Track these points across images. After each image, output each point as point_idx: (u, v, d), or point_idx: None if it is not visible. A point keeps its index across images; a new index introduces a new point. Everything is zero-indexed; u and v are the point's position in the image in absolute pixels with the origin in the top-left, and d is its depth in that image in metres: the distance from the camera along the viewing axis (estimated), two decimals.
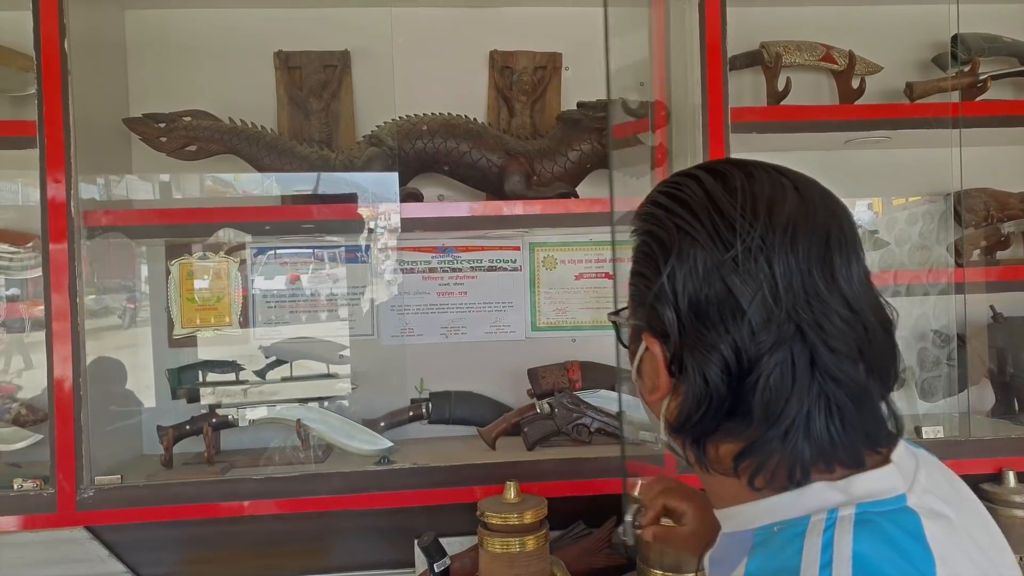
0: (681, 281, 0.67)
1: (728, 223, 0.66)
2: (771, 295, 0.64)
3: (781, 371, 0.63)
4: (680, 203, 0.69)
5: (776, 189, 0.68)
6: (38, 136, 1.60)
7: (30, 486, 1.64)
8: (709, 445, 0.70)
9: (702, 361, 0.65)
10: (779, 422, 0.64)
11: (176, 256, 1.89)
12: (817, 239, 0.66)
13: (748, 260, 0.64)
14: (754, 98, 1.97)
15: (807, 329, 0.64)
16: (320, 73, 1.92)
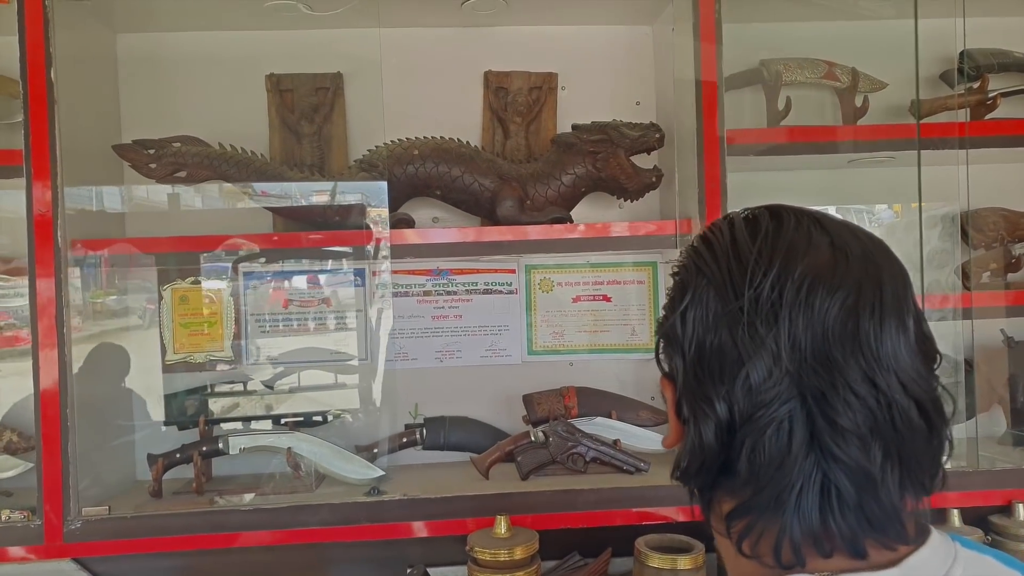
0: (691, 325, 0.63)
1: (742, 270, 0.61)
2: (773, 354, 0.58)
3: (775, 437, 0.58)
4: (707, 245, 0.66)
5: (802, 238, 0.61)
6: (24, 165, 1.58)
7: (18, 517, 1.62)
8: (714, 500, 0.66)
9: (699, 413, 0.62)
10: (764, 491, 0.59)
11: (168, 281, 1.88)
12: (840, 299, 0.59)
13: (755, 312, 0.59)
14: (754, 118, 1.92)
15: (810, 399, 0.58)
16: (312, 96, 1.90)
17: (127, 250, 1.74)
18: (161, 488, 1.73)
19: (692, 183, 1.73)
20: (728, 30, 1.69)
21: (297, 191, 1.77)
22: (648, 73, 2.00)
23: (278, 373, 1.94)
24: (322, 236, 1.76)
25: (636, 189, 1.82)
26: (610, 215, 1.98)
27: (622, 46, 1.99)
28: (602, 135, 1.77)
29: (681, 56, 1.76)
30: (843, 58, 1.95)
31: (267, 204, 1.80)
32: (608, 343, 1.99)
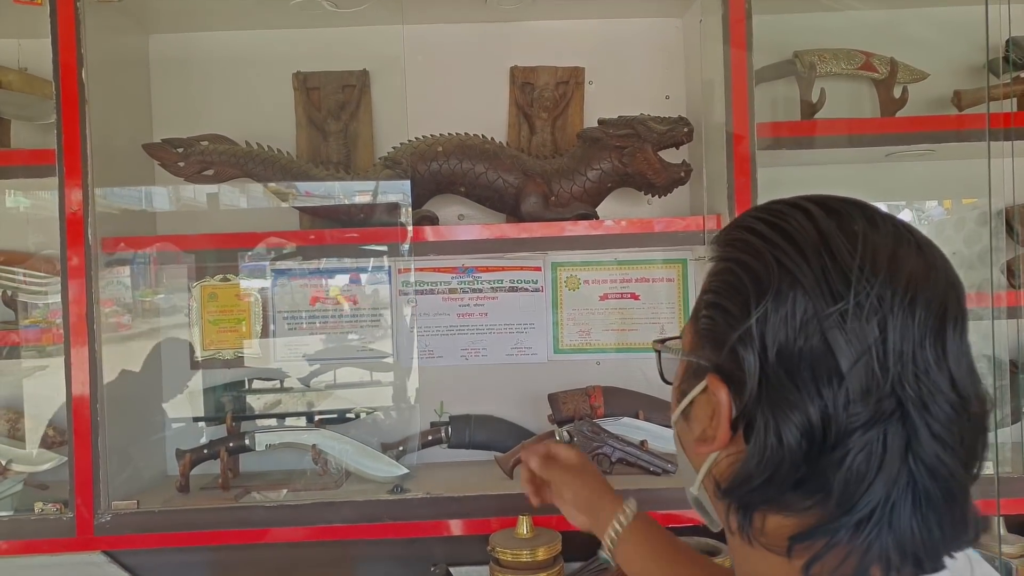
0: (774, 326, 0.57)
1: (841, 271, 0.56)
2: (878, 362, 0.55)
3: (870, 451, 0.55)
4: (785, 236, 0.59)
5: (901, 243, 0.59)
6: (57, 165, 1.62)
7: (51, 510, 1.66)
8: (756, 514, 0.61)
9: (781, 421, 0.56)
10: (855, 509, 0.56)
11: (197, 279, 1.90)
12: (936, 308, 0.57)
13: (858, 318, 0.55)
14: (787, 111, 1.87)
15: (910, 407, 0.55)
16: (338, 93, 1.90)
17: (157, 248, 1.76)
18: (188, 483, 1.75)
19: (721, 178, 1.69)
20: (759, 21, 1.65)
21: (322, 189, 1.77)
22: (678, 66, 1.96)
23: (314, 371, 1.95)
24: (347, 234, 1.75)
25: (664, 184, 1.78)
26: (639, 211, 1.95)
27: (651, 39, 1.96)
28: (629, 130, 1.74)
29: (710, 48, 1.71)
30: (882, 47, 1.88)
31: (293, 202, 1.80)
32: (636, 342, 1.95)
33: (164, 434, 1.93)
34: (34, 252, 1.90)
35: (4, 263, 1.88)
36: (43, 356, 1.82)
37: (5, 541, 1.63)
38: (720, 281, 0.63)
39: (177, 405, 1.93)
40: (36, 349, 1.77)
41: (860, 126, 1.79)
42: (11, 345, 1.80)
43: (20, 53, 1.90)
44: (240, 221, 1.84)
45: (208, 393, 1.90)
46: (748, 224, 0.63)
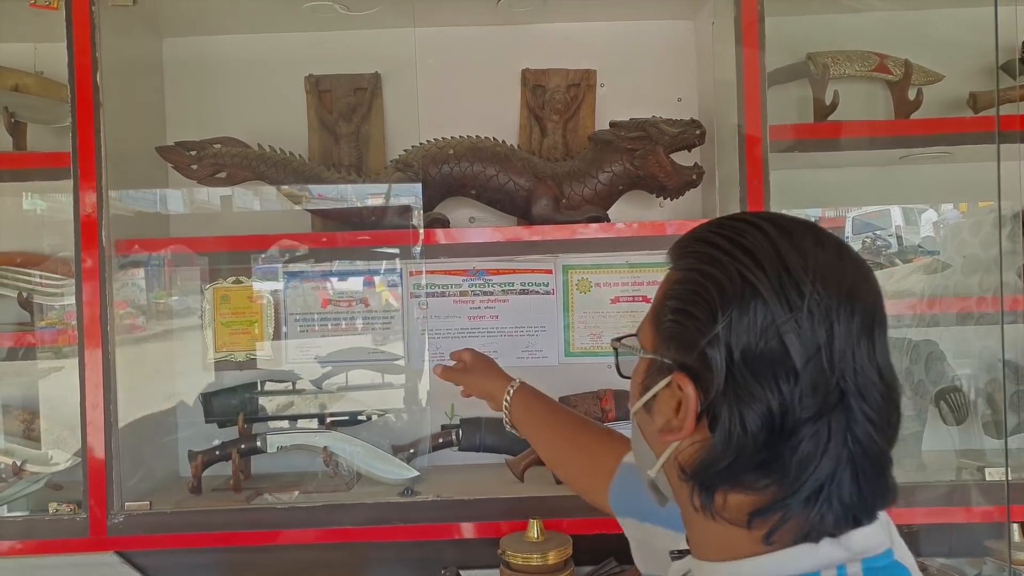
0: (738, 331, 0.65)
1: (795, 283, 0.65)
2: (827, 361, 0.64)
3: (819, 436, 0.64)
4: (745, 251, 0.68)
5: (842, 258, 0.69)
6: (72, 167, 1.63)
7: (65, 510, 1.67)
8: (718, 493, 0.69)
9: (746, 412, 0.65)
10: (806, 485, 0.65)
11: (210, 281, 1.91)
12: (868, 313, 0.67)
13: (810, 324, 0.65)
14: (800, 113, 1.86)
15: (850, 398, 0.65)
16: (350, 96, 1.91)
17: (170, 250, 1.77)
18: (200, 484, 1.76)
19: (734, 181, 1.68)
20: (771, 23, 1.64)
21: (334, 191, 1.77)
22: (690, 69, 1.95)
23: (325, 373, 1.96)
24: (359, 236, 1.76)
25: (676, 187, 1.77)
26: (651, 214, 1.94)
27: (663, 41, 1.95)
28: (640, 132, 1.73)
29: (722, 50, 1.71)
30: (896, 49, 1.87)
31: (305, 205, 1.81)
32: None
33: (176, 436, 1.94)
34: (50, 254, 1.92)
35: (20, 265, 1.90)
36: (59, 357, 1.83)
37: (20, 541, 1.64)
38: (685, 289, 0.70)
39: (189, 407, 1.94)
40: (52, 350, 1.78)
41: (874, 128, 1.78)
42: (27, 346, 1.82)
43: (36, 57, 1.92)
44: (252, 224, 1.85)
45: (220, 395, 1.91)
46: (708, 238, 0.71)
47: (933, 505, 1.64)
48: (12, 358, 1.86)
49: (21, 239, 1.95)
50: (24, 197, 1.96)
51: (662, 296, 0.74)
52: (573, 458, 1.23)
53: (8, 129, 1.81)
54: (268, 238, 1.80)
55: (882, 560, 0.68)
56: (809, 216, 2.08)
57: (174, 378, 1.94)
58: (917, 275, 2.00)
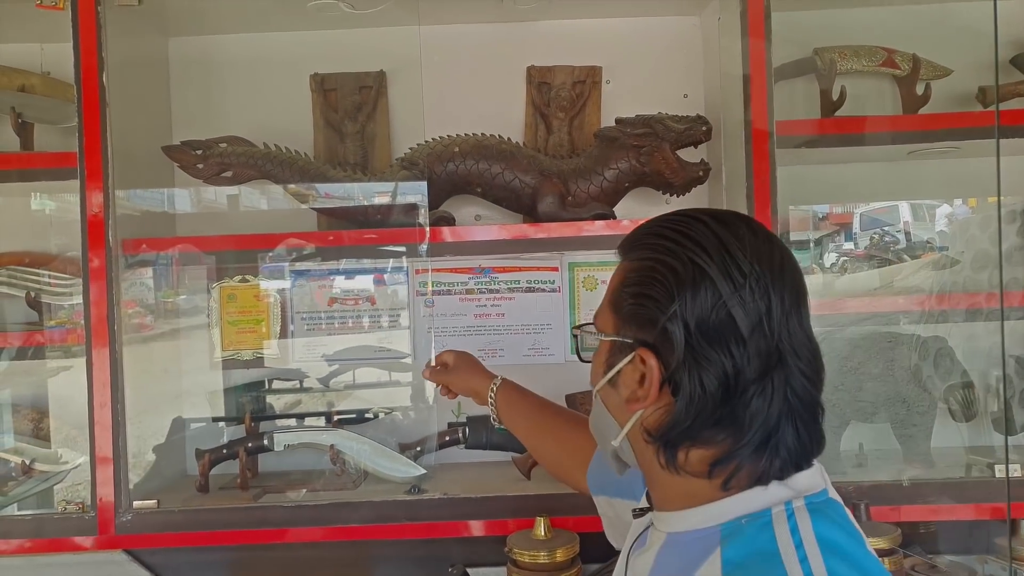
0: (692, 308, 0.75)
1: (737, 265, 0.76)
2: (768, 327, 0.76)
3: (764, 391, 0.75)
4: (693, 241, 0.78)
5: (771, 243, 0.80)
6: (78, 167, 1.63)
7: (73, 509, 1.68)
8: (680, 450, 0.79)
9: (704, 375, 0.75)
10: (756, 435, 0.76)
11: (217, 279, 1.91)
12: (795, 286, 0.79)
13: (752, 298, 0.76)
14: (806, 109, 1.85)
15: (788, 357, 0.76)
16: (355, 95, 1.91)
17: (176, 249, 1.77)
18: (208, 483, 1.76)
19: (741, 177, 1.67)
20: (778, 18, 1.63)
21: (340, 190, 1.77)
22: (696, 65, 1.94)
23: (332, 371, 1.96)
24: (365, 235, 1.76)
25: (682, 184, 1.76)
26: (657, 211, 1.88)
27: (669, 38, 1.94)
28: (646, 129, 1.72)
29: (728, 46, 1.70)
30: (904, 44, 1.86)
31: (311, 203, 1.80)
32: None
33: (184, 434, 1.94)
34: (58, 254, 1.93)
35: (29, 265, 1.90)
36: (67, 356, 1.84)
37: (29, 539, 1.65)
38: (642, 276, 0.79)
39: (196, 405, 1.95)
40: (60, 350, 1.79)
41: (882, 123, 1.76)
42: (36, 346, 1.82)
43: (43, 57, 1.92)
44: (258, 223, 1.86)
45: (227, 393, 1.91)
46: (658, 231, 0.81)
47: (942, 502, 1.63)
48: (21, 357, 1.87)
49: (29, 239, 1.96)
50: (32, 197, 1.97)
51: (619, 284, 0.83)
52: (554, 445, 1.30)
53: (15, 129, 1.82)
54: (274, 237, 1.80)
55: (820, 497, 0.79)
56: (816, 212, 2.07)
57: (181, 377, 1.95)
58: (926, 271, 1.99)
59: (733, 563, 0.74)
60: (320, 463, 1.85)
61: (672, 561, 0.81)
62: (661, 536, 0.85)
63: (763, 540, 0.75)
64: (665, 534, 0.84)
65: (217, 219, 1.91)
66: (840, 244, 2.08)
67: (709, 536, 0.78)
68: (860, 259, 2.07)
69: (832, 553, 0.73)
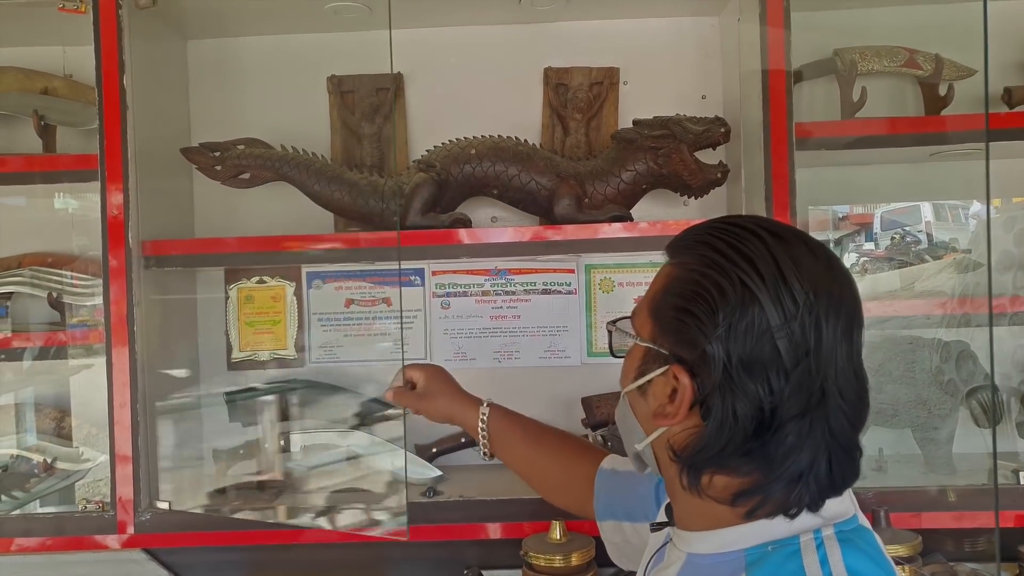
0: (736, 334, 0.71)
1: (791, 294, 0.71)
2: (814, 364, 0.71)
3: (801, 430, 0.71)
4: (745, 259, 0.73)
5: (829, 267, 0.75)
6: (99, 169, 1.65)
7: (93, 508, 1.70)
8: (704, 474, 0.76)
9: (738, 405, 0.71)
10: (787, 472, 0.72)
11: (234, 280, 1.93)
12: (850, 317, 0.74)
13: (802, 331, 0.71)
14: (826, 110, 1.83)
15: (831, 396, 0.72)
16: (372, 97, 1.91)
17: (194, 250, 1.79)
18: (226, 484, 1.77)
19: (760, 179, 1.66)
20: (797, 18, 1.61)
21: (356, 192, 1.78)
22: (714, 66, 1.93)
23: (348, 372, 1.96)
24: (381, 236, 1.76)
25: (700, 186, 1.75)
26: (675, 212, 1.92)
27: (687, 38, 1.93)
28: (664, 130, 1.71)
29: (747, 47, 1.68)
30: (926, 44, 1.83)
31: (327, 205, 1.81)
32: None
33: (202, 434, 1.96)
34: (79, 254, 1.95)
35: (51, 265, 1.93)
36: (88, 356, 1.86)
37: (50, 537, 1.67)
38: (688, 289, 0.75)
39: (214, 406, 1.96)
40: (82, 349, 1.81)
41: (903, 125, 1.74)
42: (58, 345, 1.84)
43: (65, 60, 1.94)
44: (276, 224, 1.86)
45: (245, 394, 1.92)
46: (709, 241, 0.76)
47: (964, 509, 1.61)
48: (43, 357, 1.89)
49: (52, 240, 1.98)
50: (54, 198, 2.00)
51: (661, 289, 0.79)
52: (560, 474, 1.22)
53: (38, 132, 1.84)
54: (292, 238, 1.81)
55: (850, 524, 0.76)
56: (836, 213, 2.05)
57: (199, 377, 1.96)
58: (947, 272, 1.96)
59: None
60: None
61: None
62: (681, 556, 0.81)
63: (790, 570, 0.72)
64: (685, 554, 0.81)
65: (235, 220, 1.92)
66: (860, 245, 2.06)
67: (733, 562, 0.75)
68: (880, 260, 2.05)
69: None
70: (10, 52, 1.92)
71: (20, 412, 1.97)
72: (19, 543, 1.67)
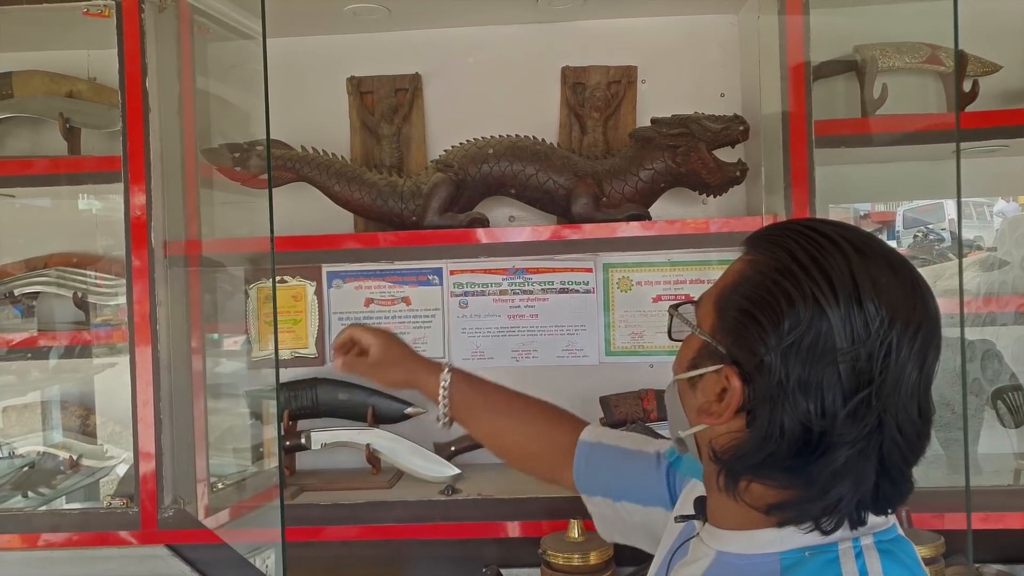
0: (798, 350, 0.67)
1: (864, 320, 0.67)
2: (876, 396, 0.67)
3: (849, 458, 0.68)
4: (822, 273, 0.68)
5: (912, 290, 0.70)
6: (123, 170, 1.68)
7: (118, 504, 1.72)
8: (742, 480, 0.74)
9: (786, 421, 0.68)
10: (828, 496, 0.69)
11: (254, 281, 1.95)
12: (924, 346, 0.69)
13: (868, 360, 0.66)
14: (847, 107, 1.81)
15: (888, 429, 0.68)
16: (391, 97, 1.92)
17: (215, 251, 1.81)
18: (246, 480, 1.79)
19: (779, 177, 1.65)
20: (817, 16, 1.60)
21: (375, 192, 1.79)
22: (733, 64, 1.92)
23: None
24: (400, 236, 1.77)
25: (718, 184, 1.74)
26: (693, 211, 1.91)
27: (706, 36, 1.92)
28: (682, 129, 1.70)
29: (767, 44, 1.67)
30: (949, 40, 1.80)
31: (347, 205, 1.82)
32: None
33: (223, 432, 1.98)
34: (103, 254, 1.98)
35: (76, 265, 1.96)
36: (112, 355, 1.89)
37: (76, 533, 1.69)
38: (757, 293, 0.71)
39: (235, 404, 1.98)
40: (105, 348, 1.84)
41: (926, 122, 1.72)
42: (83, 344, 1.87)
43: (89, 63, 1.97)
44: (296, 224, 1.87)
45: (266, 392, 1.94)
46: (789, 246, 0.71)
47: (990, 510, 1.59)
48: (69, 355, 1.92)
49: (77, 240, 2.01)
50: (79, 200, 2.03)
51: (731, 284, 0.75)
52: (523, 441, 1.18)
53: (64, 134, 1.87)
54: (312, 239, 1.82)
55: (890, 534, 0.74)
56: (857, 211, 2.03)
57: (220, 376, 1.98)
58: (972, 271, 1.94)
59: None
60: (355, 462, 1.87)
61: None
62: (710, 553, 0.79)
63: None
64: (715, 552, 0.79)
65: (255, 221, 1.94)
66: None
67: (768, 565, 0.73)
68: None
69: None
70: (36, 56, 1.95)
71: (46, 409, 2.01)
72: (46, 538, 1.70)
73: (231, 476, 1.87)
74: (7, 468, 1.92)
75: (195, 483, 1.75)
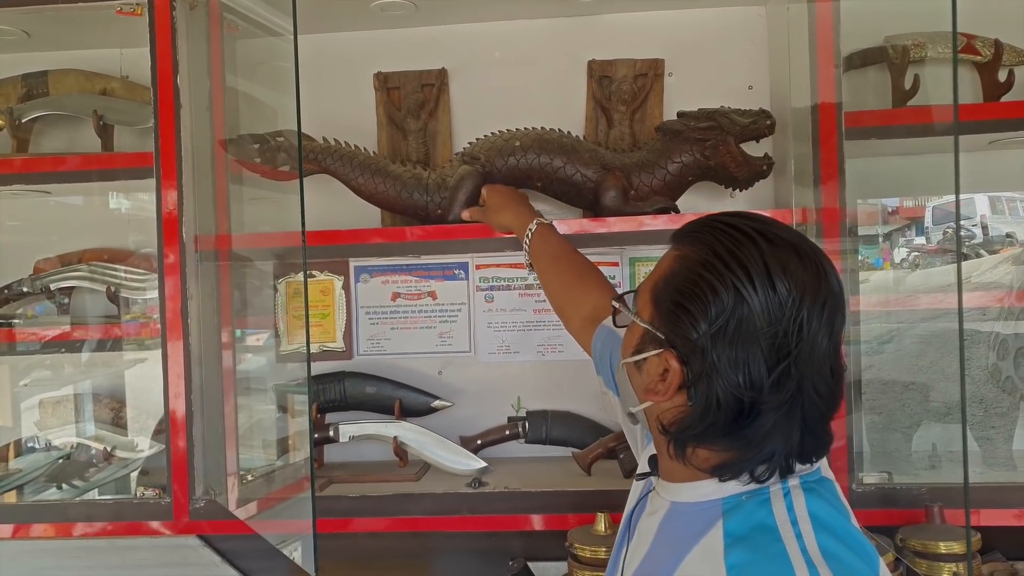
0: (725, 334, 0.78)
1: (779, 301, 0.78)
2: (795, 366, 0.78)
3: (776, 420, 0.79)
4: (739, 264, 0.79)
5: (817, 273, 0.81)
6: (155, 167, 1.70)
7: (151, 495, 1.75)
8: (688, 447, 0.85)
9: (722, 394, 0.79)
10: (762, 453, 0.81)
11: (282, 275, 1.97)
12: (833, 318, 0.80)
13: (785, 335, 0.78)
14: (877, 99, 1.79)
15: (806, 393, 0.79)
16: (417, 92, 1.93)
17: (244, 245, 1.83)
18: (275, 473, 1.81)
19: (808, 170, 1.63)
20: (847, 6, 1.58)
21: (401, 185, 1.79)
22: (761, 56, 1.90)
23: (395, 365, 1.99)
24: (427, 230, 1.78)
25: (746, 178, 1.73)
26: (721, 205, 1.90)
27: (734, 28, 1.91)
28: (710, 122, 1.69)
29: (796, 35, 1.66)
30: (986, 29, 1.78)
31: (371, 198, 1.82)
32: None
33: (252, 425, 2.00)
34: (135, 250, 2.01)
35: (108, 260, 1.99)
36: (143, 349, 1.92)
37: (110, 523, 1.72)
38: (686, 284, 0.82)
39: (263, 398, 2.00)
40: (137, 342, 1.87)
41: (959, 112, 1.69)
42: (115, 338, 1.91)
43: (122, 62, 2.01)
44: (323, 219, 1.88)
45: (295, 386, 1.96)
46: (711, 243, 0.82)
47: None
48: (101, 349, 1.96)
49: (109, 236, 2.05)
50: (111, 196, 2.06)
51: (663, 277, 0.86)
52: (567, 298, 1.41)
53: (97, 131, 1.90)
54: (339, 233, 1.84)
55: (814, 476, 0.86)
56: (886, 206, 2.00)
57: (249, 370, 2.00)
58: (1005, 266, 1.91)
59: (734, 535, 0.80)
60: (383, 455, 1.89)
61: (676, 529, 0.87)
62: (665, 504, 0.90)
63: (762, 515, 0.81)
64: (669, 502, 0.90)
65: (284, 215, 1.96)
66: (911, 239, 2.01)
67: (711, 509, 0.84)
68: (932, 255, 2.00)
69: (823, 529, 0.79)
70: (70, 55, 1.99)
71: (80, 402, 2.05)
72: (81, 528, 1.73)
73: (260, 468, 1.89)
74: (44, 460, 1.96)
75: (225, 475, 1.77)
